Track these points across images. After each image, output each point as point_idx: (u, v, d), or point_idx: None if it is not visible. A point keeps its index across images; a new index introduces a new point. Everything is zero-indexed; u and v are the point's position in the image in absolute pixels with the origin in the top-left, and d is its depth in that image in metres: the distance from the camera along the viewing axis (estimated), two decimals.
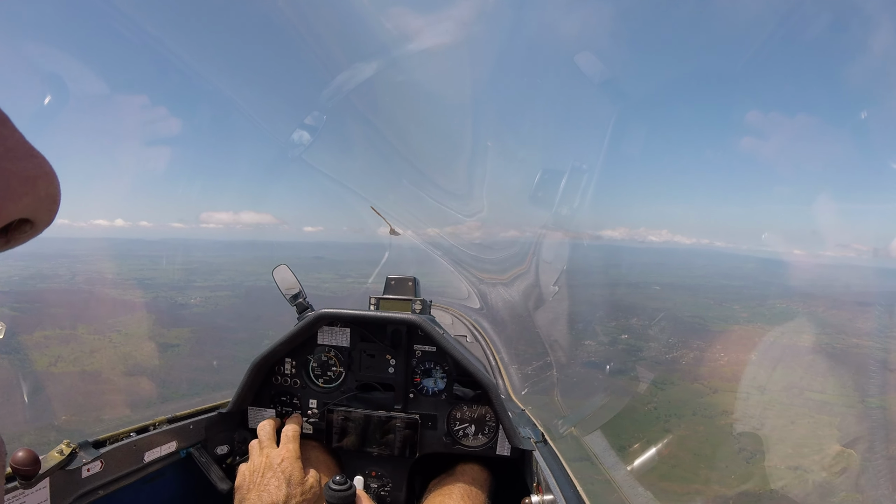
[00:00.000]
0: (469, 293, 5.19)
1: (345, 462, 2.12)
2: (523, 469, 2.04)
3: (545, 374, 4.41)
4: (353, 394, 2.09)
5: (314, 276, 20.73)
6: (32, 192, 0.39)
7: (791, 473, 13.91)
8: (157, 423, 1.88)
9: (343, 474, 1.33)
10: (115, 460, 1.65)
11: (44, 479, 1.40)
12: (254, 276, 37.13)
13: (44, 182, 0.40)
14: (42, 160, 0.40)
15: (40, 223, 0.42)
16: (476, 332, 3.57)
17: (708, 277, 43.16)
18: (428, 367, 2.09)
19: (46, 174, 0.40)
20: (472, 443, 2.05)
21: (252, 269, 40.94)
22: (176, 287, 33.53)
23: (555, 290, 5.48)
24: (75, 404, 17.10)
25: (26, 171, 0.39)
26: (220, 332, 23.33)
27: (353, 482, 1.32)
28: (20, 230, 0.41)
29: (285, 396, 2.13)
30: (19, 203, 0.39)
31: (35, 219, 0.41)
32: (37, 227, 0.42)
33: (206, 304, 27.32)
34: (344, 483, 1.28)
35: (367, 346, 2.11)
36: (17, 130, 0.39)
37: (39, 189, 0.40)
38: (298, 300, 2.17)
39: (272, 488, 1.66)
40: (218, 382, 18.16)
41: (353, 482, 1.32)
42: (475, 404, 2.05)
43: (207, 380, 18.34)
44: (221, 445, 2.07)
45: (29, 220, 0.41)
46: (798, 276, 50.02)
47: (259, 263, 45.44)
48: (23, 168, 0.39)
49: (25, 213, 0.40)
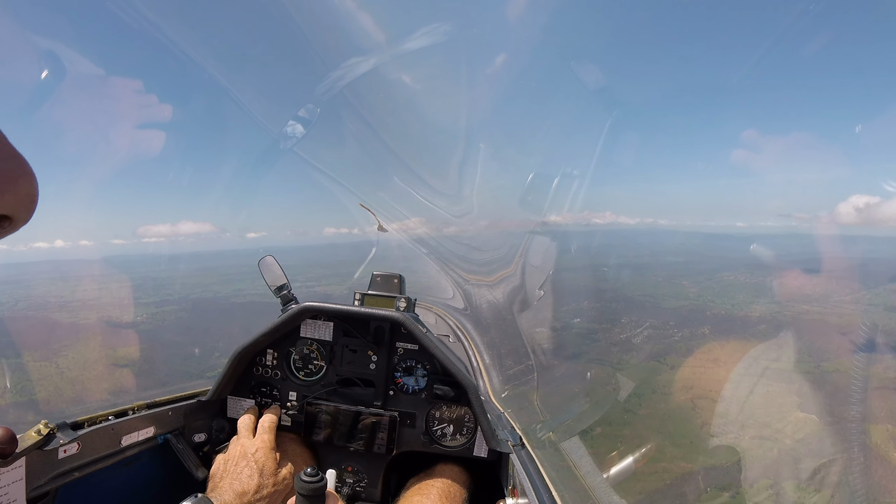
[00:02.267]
0: (454, 293, 5.21)
1: (322, 456, 2.12)
2: (499, 472, 2.06)
3: (526, 378, 4.44)
4: (334, 388, 2.10)
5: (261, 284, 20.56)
6: (13, 191, 0.41)
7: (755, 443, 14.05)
8: (136, 407, 1.88)
9: (315, 467, 1.33)
10: (93, 443, 1.65)
11: (20, 459, 1.39)
12: (199, 287, 36.58)
13: (24, 181, 0.42)
14: (22, 160, 0.42)
15: (19, 220, 0.44)
16: (459, 332, 3.59)
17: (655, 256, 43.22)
18: (409, 365, 2.10)
19: (27, 174, 0.42)
20: (449, 443, 2.06)
21: (196, 281, 40.28)
22: (121, 305, 32.71)
23: (540, 294, 5.54)
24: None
25: (8, 170, 0.40)
26: (169, 349, 22.66)
27: (325, 475, 1.33)
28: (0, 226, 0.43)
29: (265, 387, 2.13)
30: (1, 200, 0.40)
31: (14, 216, 0.43)
32: (15, 224, 0.44)
33: (153, 320, 26.63)
34: (315, 475, 1.29)
35: (349, 342, 2.11)
36: (0, 132, 0.40)
37: (20, 188, 0.42)
38: (283, 292, 2.17)
39: (244, 477, 1.68)
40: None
41: (325, 475, 1.33)
42: (455, 404, 2.06)
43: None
44: (199, 433, 2.06)
45: (8, 217, 0.43)
46: (743, 248, 50.52)
47: (203, 275, 44.80)
48: (5, 168, 0.40)
49: (6, 210, 0.42)
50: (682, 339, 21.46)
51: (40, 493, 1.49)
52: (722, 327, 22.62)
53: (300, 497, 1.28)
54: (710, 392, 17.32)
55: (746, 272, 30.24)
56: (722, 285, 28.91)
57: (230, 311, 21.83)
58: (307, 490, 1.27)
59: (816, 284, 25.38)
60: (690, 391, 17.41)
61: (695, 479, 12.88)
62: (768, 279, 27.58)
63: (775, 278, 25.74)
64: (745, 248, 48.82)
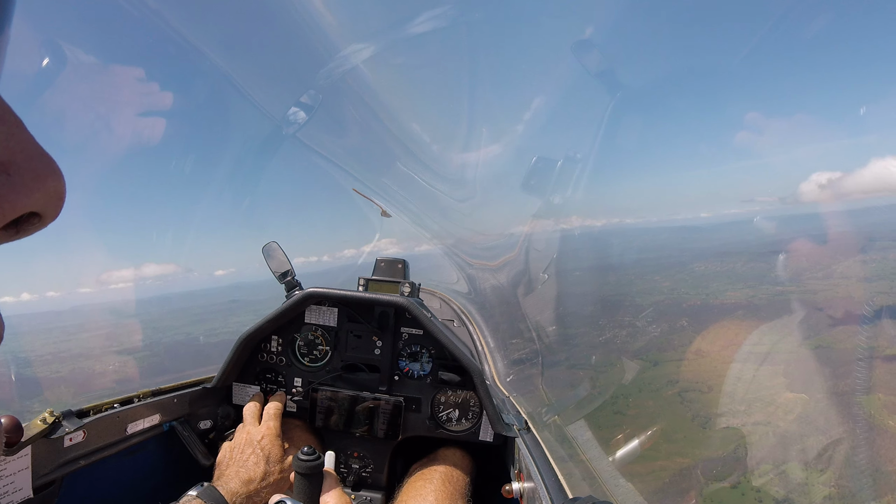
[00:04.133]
0: (458, 278, 5.20)
1: (327, 442, 2.12)
2: (505, 456, 2.06)
3: (531, 362, 4.43)
4: (339, 374, 2.09)
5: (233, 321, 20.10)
6: (43, 188, 0.43)
7: (750, 430, 14.06)
8: (142, 395, 1.88)
9: (312, 447, 1.33)
10: (98, 431, 1.65)
11: (26, 447, 1.39)
12: (171, 330, 35.60)
13: (53, 179, 0.44)
14: (50, 159, 0.44)
15: (48, 217, 0.46)
16: (464, 316, 3.58)
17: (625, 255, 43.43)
18: (414, 351, 2.09)
19: (55, 172, 0.44)
20: (455, 427, 2.06)
21: (168, 325, 39.22)
22: (92, 356, 31.77)
23: (544, 277, 5.51)
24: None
25: (38, 168, 0.43)
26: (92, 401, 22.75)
27: (322, 455, 1.33)
28: (29, 223, 0.45)
29: (270, 374, 2.13)
30: (31, 197, 0.42)
31: (44, 213, 0.45)
32: (44, 221, 0.46)
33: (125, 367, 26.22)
34: (312, 453, 1.30)
35: (354, 327, 2.11)
36: (28, 132, 0.42)
37: (49, 185, 0.44)
38: (287, 278, 2.16)
39: (250, 465, 1.68)
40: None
41: (322, 455, 1.33)
42: (460, 389, 2.06)
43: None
44: (205, 420, 2.07)
45: (38, 214, 0.45)
46: (710, 237, 50.35)
47: (173, 317, 44.20)
48: (35, 166, 0.42)
49: (36, 206, 0.44)
50: (662, 333, 21.32)
51: (46, 481, 1.49)
52: (700, 317, 22.56)
53: (298, 476, 1.29)
54: (696, 384, 17.33)
55: (717, 261, 30.17)
56: (694, 276, 28.76)
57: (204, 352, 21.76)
58: (304, 468, 1.28)
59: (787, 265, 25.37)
60: (676, 385, 17.39)
61: (693, 473, 12.88)
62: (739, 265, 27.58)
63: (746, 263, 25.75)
64: (713, 238, 48.50)
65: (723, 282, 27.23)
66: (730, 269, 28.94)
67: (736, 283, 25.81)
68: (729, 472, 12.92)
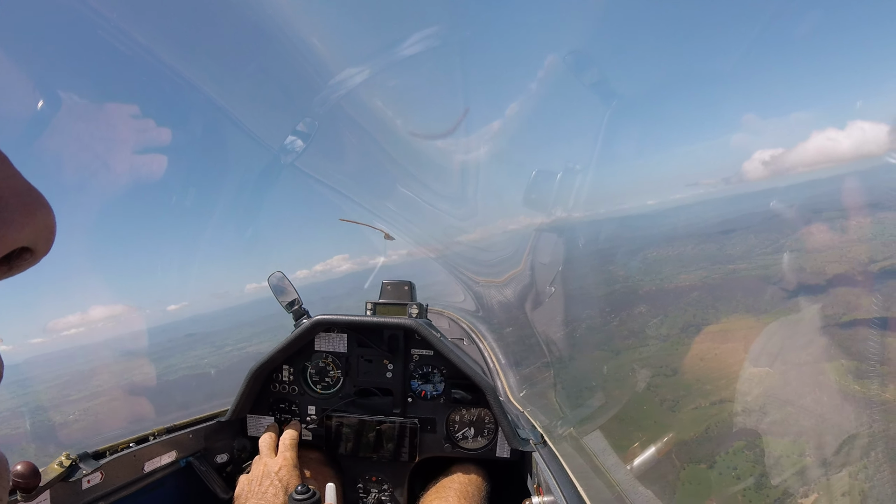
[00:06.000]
0: (465, 296, 5.21)
1: (344, 468, 2.12)
2: (523, 471, 2.07)
3: (543, 375, 4.50)
4: (352, 399, 2.10)
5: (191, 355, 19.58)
6: (33, 223, 0.43)
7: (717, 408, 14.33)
8: (157, 433, 1.88)
9: (305, 484, 1.36)
10: (116, 471, 1.65)
11: (44, 492, 1.39)
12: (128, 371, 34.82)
13: (42, 214, 0.44)
14: (39, 195, 0.44)
15: (39, 252, 0.46)
16: (473, 334, 3.60)
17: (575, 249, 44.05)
18: (426, 371, 2.10)
19: (44, 207, 0.44)
20: (471, 445, 2.07)
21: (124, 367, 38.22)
22: (50, 407, 30.75)
23: (551, 290, 5.61)
24: None
25: (27, 204, 0.43)
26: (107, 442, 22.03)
27: (315, 491, 1.36)
28: (21, 258, 0.45)
29: (284, 403, 2.13)
30: (22, 232, 0.43)
31: (35, 248, 0.45)
32: (36, 256, 0.46)
33: (87, 415, 25.38)
34: (306, 492, 1.32)
35: (364, 352, 2.11)
36: (14, 167, 0.43)
37: (39, 220, 0.44)
38: (294, 307, 2.16)
39: (269, 496, 1.67)
40: None
41: (315, 491, 1.36)
42: (474, 407, 2.06)
43: None
44: (221, 454, 2.06)
45: (29, 249, 0.45)
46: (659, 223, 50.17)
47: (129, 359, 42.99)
48: (24, 201, 0.43)
49: (27, 241, 0.44)
50: (621, 322, 21.54)
51: None
52: (657, 303, 22.80)
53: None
54: (661, 368, 17.62)
55: (667, 245, 30.92)
56: (647, 262, 28.97)
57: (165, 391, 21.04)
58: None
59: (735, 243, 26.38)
60: (640, 371, 17.71)
61: (669, 459, 13.08)
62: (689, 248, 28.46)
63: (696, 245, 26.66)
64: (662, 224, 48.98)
65: (675, 266, 27.33)
66: (680, 252, 29.60)
67: (688, 266, 25.96)
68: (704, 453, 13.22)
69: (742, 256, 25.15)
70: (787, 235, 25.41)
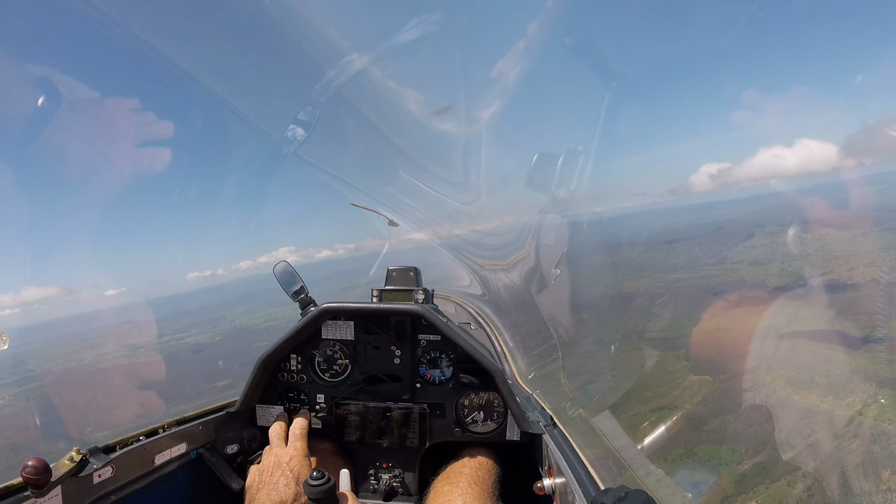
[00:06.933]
0: (471, 281, 5.18)
1: (355, 455, 2.12)
2: (534, 453, 2.06)
3: (551, 357, 4.46)
4: (360, 386, 2.09)
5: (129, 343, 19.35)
6: None
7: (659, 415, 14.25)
8: (166, 425, 1.88)
9: (320, 469, 1.34)
10: (126, 465, 1.65)
11: (55, 488, 1.39)
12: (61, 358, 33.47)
13: None
14: None
15: None
16: (480, 318, 3.58)
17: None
18: (434, 357, 2.09)
19: None
20: (481, 429, 2.06)
21: (58, 352, 36.96)
22: None
23: (556, 272, 5.55)
24: None
25: None
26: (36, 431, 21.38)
27: (330, 477, 1.35)
28: None
29: (293, 392, 2.13)
30: None
31: None
32: None
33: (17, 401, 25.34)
34: (321, 477, 1.31)
35: (371, 339, 2.10)
36: None
37: None
38: (301, 296, 2.15)
39: (281, 486, 1.67)
40: None
41: (330, 477, 1.35)
42: (483, 391, 2.05)
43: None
44: (231, 445, 2.06)
45: None
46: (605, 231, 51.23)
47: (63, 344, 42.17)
48: None
49: None
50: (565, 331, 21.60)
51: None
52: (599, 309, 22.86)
53: (311, 502, 1.30)
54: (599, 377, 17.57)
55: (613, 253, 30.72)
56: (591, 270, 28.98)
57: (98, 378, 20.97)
58: (315, 493, 1.29)
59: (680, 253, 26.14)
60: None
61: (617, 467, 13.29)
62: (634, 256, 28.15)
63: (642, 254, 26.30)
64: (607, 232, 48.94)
65: (620, 273, 27.85)
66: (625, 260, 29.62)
67: (633, 274, 26.22)
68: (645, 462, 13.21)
69: (685, 266, 25.03)
70: (729, 248, 25.37)
